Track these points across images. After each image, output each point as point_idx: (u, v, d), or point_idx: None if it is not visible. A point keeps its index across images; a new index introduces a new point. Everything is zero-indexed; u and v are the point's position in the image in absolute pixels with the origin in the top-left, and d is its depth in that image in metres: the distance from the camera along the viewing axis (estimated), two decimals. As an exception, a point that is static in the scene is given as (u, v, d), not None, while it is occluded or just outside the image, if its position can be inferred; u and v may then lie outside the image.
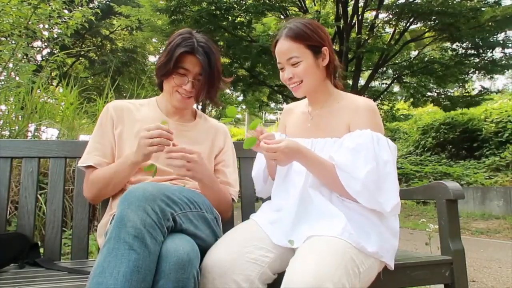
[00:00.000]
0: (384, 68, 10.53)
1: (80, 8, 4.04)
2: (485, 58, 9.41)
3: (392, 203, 1.11)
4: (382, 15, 9.51)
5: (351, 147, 1.14)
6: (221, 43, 8.94)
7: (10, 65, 3.30)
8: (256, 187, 1.48)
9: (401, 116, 12.08)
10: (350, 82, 9.48)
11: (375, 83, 11.66)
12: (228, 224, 1.44)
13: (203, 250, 1.09)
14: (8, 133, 2.82)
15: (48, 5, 3.64)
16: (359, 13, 9.20)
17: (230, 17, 8.85)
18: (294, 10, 9.70)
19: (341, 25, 9.06)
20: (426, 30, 9.46)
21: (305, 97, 1.36)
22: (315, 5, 10.58)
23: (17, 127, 2.84)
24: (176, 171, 1.19)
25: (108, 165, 1.32)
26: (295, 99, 1.41)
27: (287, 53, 1.22)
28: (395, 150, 1.18)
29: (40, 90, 3.18)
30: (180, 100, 1.35)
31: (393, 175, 1.13)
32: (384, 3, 9.00)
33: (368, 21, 9.88)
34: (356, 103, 1.24)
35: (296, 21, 1.25)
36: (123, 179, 1.28)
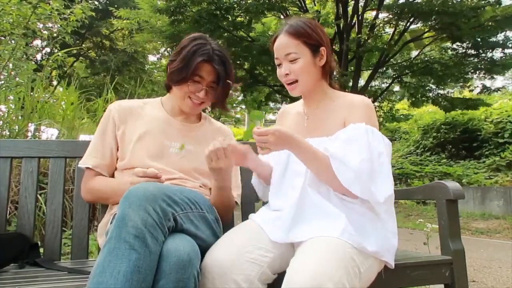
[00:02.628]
0: (384, 68, 10.53)
1: (78, 5, 4.03)
2: (485, 58, 9.42)
3: (385, 193, 1.10)
4: (382, 15, 9.51)
5: (345, 138, 1.14)
6: (221, 43, 8.93)
7: (10, 64, 3.30)
8: (257, 192, 1.50)
9: (401, 116, 12.07)
10: (350, 82, 9.49)
11: (375, 83, 11.66)
12: (228, 224, 1.44)
13: (204, 250, 1.09)
14: (8, 133, 2.82)
15: (48, 4, 3.63)
16: (359, 13, 9.20)
17: (230, 17, 8.85)
18: (294, 10, 9.70)
19: (341, 25, 9.06)
20: (426, 30, 9.46)
21: (300, 97, 1.37)
22: (315, 5, 10.58)
23: (17, 127, 2.84)
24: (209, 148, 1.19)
25: (107, 180, 1.33)
26: (294, 99, 1.41)
27: (285, 48, 1.24)
28: (389, 146, 1.18)
29: (40, 89, 3.18)
30: (191, 106, 1.36)
31: (387, 167, 1.13)
32: (384, 3, 9.00)
33: (368, 21, 9.88)
34: (351, 100, 1.25)
35: (297, 19, 1.27)
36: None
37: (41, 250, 1.47)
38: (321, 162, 1.14)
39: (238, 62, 9.73)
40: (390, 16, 9.12)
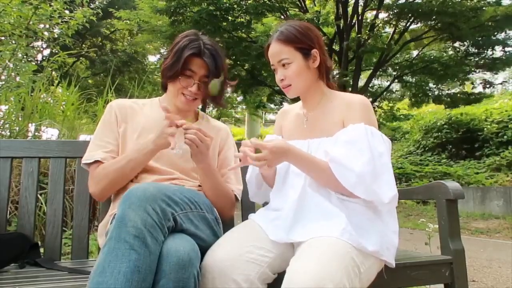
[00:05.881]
0: (384, 68, 10.53)
1: (81, 8, 4.05)
2: (485, 57, 9.43)
3: (389, 194, 1.10)
4: (382, 15, 9.51)
5: (345, 140, 1.15)
6: (221, 44, 8.93)
7: (11, 65, 3.30)
8: (249, 190, 1.47)
9: (401, 116, 12.08)
10: (350, 82, 9.49)
11: (375, 83, 11.67)
12: (228, 224, 1.44)
13: (203, 250, 1.09)
14: (9, 133, 2.82)
15: (49, 5, 3.63)
16: (359, 13, 9.21)
17: (230, 18, 8.86)
18: (294, 11, 9.70)
19: (341, 25, 9.07)
20: (426, 29, 9.46)
21: (299, 98, 1.37)
22: (315, 5, 10.58)
23: (17, 127, 2.84)
24: (186, 142, 1.19)
25: (115, 158, 1.32)
26: (294, 99, 1.41)
27: (278, 55, 1.26)
28: (389, 145, 1.19)
29: (40, 90, 3.19)
30: (185, 102, 1.36)
31: (388, 167, 1.13)
32: (384, 3, 9.01)
33: (368, 21, 9.88)
34: (349, 100, 1.26)
35: (287, 25, 1.29)
36: (137, 167, 1.27)
37: (42, 250, 1.47)
38: (320, 169, 1.15)
39: (238, 62, 9.73)
40: (390, 16, 9.13)
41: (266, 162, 1.11)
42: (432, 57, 9.94)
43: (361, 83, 10.33)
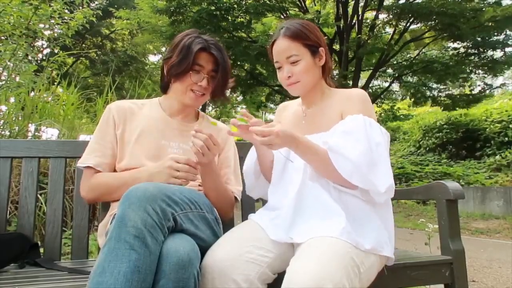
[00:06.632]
0: (384, 68, 10.54)
1: (81, 8, 4.05)
2: (485, 58, 9.43)
3: (386, 183, 1.09)
4: (382, 15, 9.52)
5: (343, 130, 1.15)
6: (221, 44, 8.91)
7: (11, 65, 3.30)
8: (246, 182, 1.43)
9: (401, 116, 12.09)
10: (350, 82, 9.49)
11: (375, 83, 11.68)
12: (228, 224, 1.44)
13: (203, 250, 1.09)
14: (9, 133, 2.82)
15: (49, 5, 3.63)
16: (359, 13, 9.22)
17: (230, 18, 8.86)
18: (294, 10, 9.71)
19: (341, 25, 9.07)
20: (426, 30, 9.47)
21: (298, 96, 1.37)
22: (315, 5, 10.59)
23: (17, 127, 2.84)
24: (193, 148, 1.18)
25: (114, 173, 1.33)
26: (293, 98, 1.41)
27: (286, 51, 1.24)
28: (387, 137, 1.19)
29: (40, 90, 3.19)
30: (194, 98, 1.36)
31: (385, 157, 1.13)
32: (384, 3, 9.02)
33: (368, 21, 9.89)
34: (348, 93, 1.27)
35: (293, 22, 1.27)
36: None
37: (41, 250, 1.47)
38: (321, 157, 1.14)
39: (238, 63, 9.73)
40: (390, 16, 9.14)
41: (272, 145, 1.08)
42: (432, 57, 9.94)
43: (361, 83, 10.33)
